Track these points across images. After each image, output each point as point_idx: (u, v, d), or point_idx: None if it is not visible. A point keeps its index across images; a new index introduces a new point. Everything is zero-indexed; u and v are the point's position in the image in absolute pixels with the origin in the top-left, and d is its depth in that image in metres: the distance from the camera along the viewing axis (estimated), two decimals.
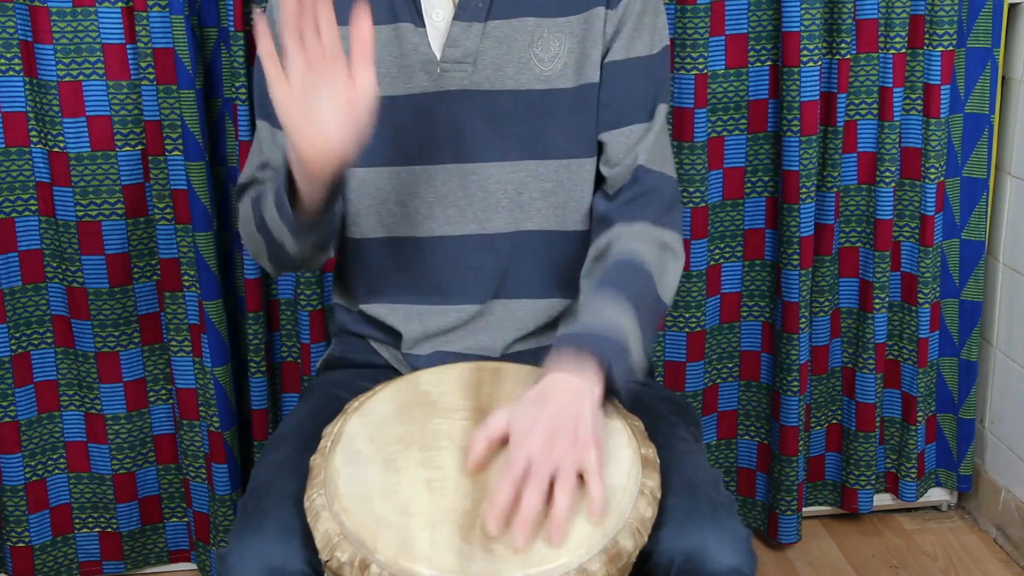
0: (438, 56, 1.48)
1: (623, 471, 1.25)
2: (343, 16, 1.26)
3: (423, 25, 1.48)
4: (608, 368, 1.28)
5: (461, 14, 1.47)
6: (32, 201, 2.07)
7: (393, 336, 1.57)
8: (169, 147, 2.03)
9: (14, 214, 2.07)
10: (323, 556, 1.20)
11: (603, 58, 1.50)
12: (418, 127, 1.49)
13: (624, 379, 1.31)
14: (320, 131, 1.26)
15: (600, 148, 1.52)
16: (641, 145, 1.50)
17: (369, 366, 1.61)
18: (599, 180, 1.53)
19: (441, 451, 1.29)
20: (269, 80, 1.24)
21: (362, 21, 1.23)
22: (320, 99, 1.25)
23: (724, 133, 2.18)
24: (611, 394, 1.32)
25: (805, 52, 2.08)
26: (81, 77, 2.00)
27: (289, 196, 1.36)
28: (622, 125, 1.50)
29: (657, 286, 1.43)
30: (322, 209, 1.37)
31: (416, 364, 1.54)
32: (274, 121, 1.52)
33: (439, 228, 1.51)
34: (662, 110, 1.53)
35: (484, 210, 1.50)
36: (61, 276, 2.10)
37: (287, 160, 1.33)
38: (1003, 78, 2.25)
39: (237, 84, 2.01)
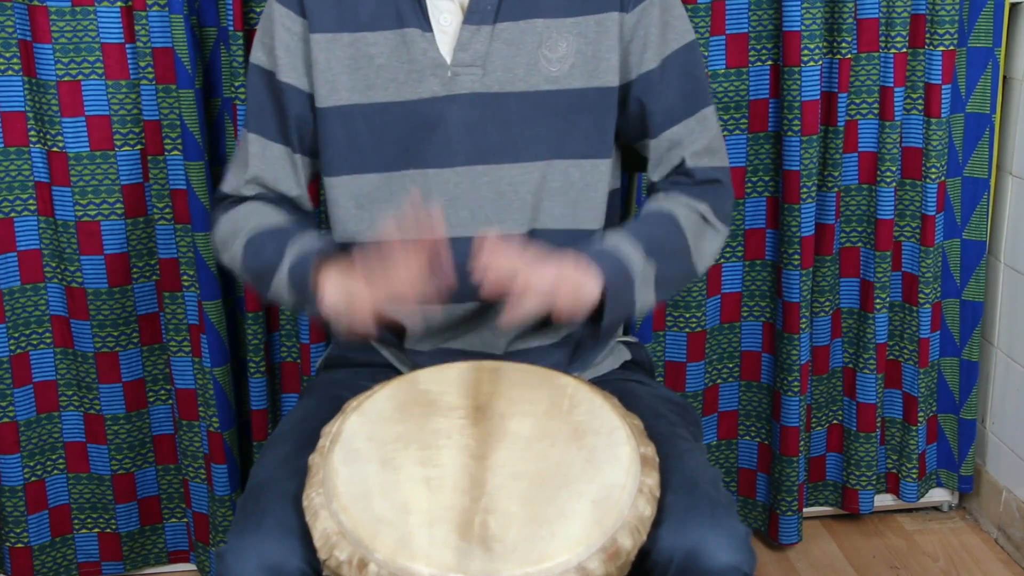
0: (448, 60, 1.48)
1: (622, 469, 1.25)
2: (355, 22, 1.26)
3: (430, 30, 1.49)
4: (606, 288, 1.36)
5: (470, 17, 1.48)
6: (31, 201, 2.07)
7: (395, 334, 1.57)
8: (168, 147, 2.03)
9: (13, 214, 2.07)
10: (322, 555, 1.20)
11: (628, 66, 1.51)
12: (430, 131, 1.49)
13: (617, 306, 1.39)
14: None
15: (644, 152, 1.57)
16: (690, 142, 1.55)
17: (369, 365, 1.61)
18: (630, 186, 1.58)
19: (440, 450, 1.28)
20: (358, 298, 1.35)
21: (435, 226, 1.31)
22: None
23: (725, 133, 2.18)
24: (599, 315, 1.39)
25: (806, 51, 2.07)
26: (80, 77, 2.00)
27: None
28: (666, 128, 1.54)
29: (691, 246, 1.49)
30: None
31: (418, 361, 1.54)
32: (268, 134, 1.54)
33: (451, 230, 1.51)
34: (709, 110, 1.57)
35: (497, 211, 1.50)
36: (60, 276, 2.10)
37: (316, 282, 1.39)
38: (1004, 78, 2.25)
39: (236, 84, 2.00)
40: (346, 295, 1.35)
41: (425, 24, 1.49)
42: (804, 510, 2.34)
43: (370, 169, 1.51)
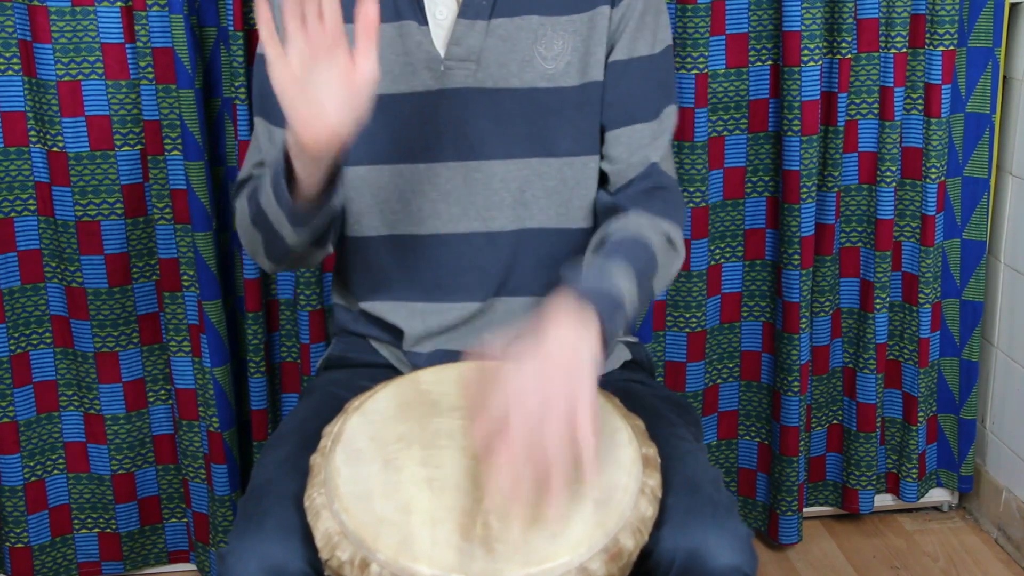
0: (442, 54, 1.48)
1: (624, 470, 1.25)
2: (348, 14, 1.26)
3: (426, 23, 1.49)
4: (603, 325, 1.25)
5: (465, 12, 1.47)
6: (31, 201, 2.07)
7: (394, 335, 1.57)
8: (168, 147, 2.03)
9: (13, 214, 2.07)
10: (323, 555, 1.20)
11: (606, 57, 1.50)
12: (421, 125, 1.49)
13: (613, 339, 1.28)
14: (318, 112, 1.26)
15: (603, 146, 1.53)
16: (653, 145, 1.51)
17: (369, 365, 1.61)
18: (602, 177, 1.53)
19: (441, 450, 1.28)
20: (269, 61, 1.24)
21: (369, 5, 1.23)
22: (320, 81, 1.25)
23: (724, 133, 2.18)
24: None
25: (806, 51, 2.07)
26: (80, 77, 2.00)
27: (287, 183, 1.35)
28: (626, 124, 1.51)
29: (657, 271, 1.43)
30: (320, 195, 1.36)
31: (417, 362, 1.54)
32: (272, 119, 1.53)
33: (442, 226, 1.51)
34: (671, 112, 1.54)
35: (487, 208, 1.50)
36: (60, 276, 2.10)
37: (286, 145, 1.32)
38: (1004, 78, 2.25)
39: (236, 84, 2.00)
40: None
41: (421, 17, 1.49)
42: (804, 510, 2.34)
43: (361, 161, 1.51)
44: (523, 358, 1.19)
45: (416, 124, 1.50)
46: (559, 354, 1.19)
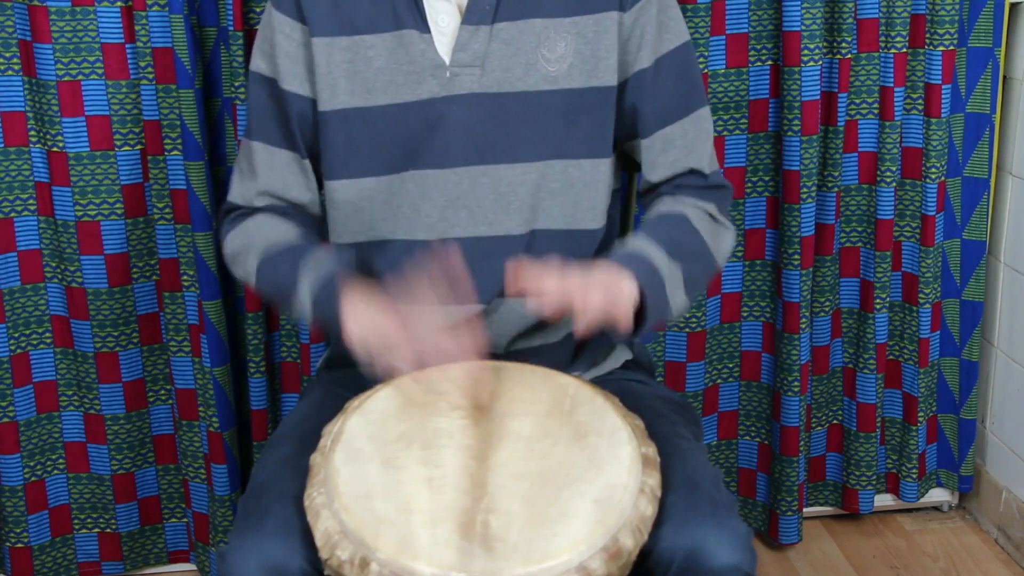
0: (447, 61, 1.49)
1: (624, 469, 1.25)
2: (352, 25, 1.26)
3: (428, 31, 1.49)
4: (643, 290, 1.34)
5: (468, 18, 1.48)
6: (31, 201, 2.07)
7: None
8: (168, 147, 2.03)
9: (13, 214, 2.07)
10: (323, 554, 1.20)
11: (625, 65, 1.51)
12: (429, 132, 1.50)
13: (655, 309, 1.36)
14: None
15: (636, 152, 1.56)
16: (693, 150, 1.55)
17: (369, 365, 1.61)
18: (646, 187, 1.57)
19: (441, 449, 1.28)
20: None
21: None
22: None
23: (724, 133, 2.18)
24: (637, 324, 1.36)
25: (806, 51, 2.07)
26: (80, 77, 2.00)
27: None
28: (659, 128, 1.53)
29: (708, 243, 1.49)
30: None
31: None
32: (270, 139, 1.54)
33: (450, 230, 1.51)
34: (704, 115, 1.57)
35: (496, 212, 1.50)
36: (60, 276, 2.10)
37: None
38: (1004, 78, 2.25)
39: (236, 84, 2.00)
40: (377, 333, 1.36)
41: (423, 25, 1.49)
42: (804, 510, 2.34)
43: (370, 172, 1.52)
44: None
45: (423, 131, 1.50)
46: (603, 276, 1.32)
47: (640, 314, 1.36)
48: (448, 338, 1.33)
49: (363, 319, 1.37)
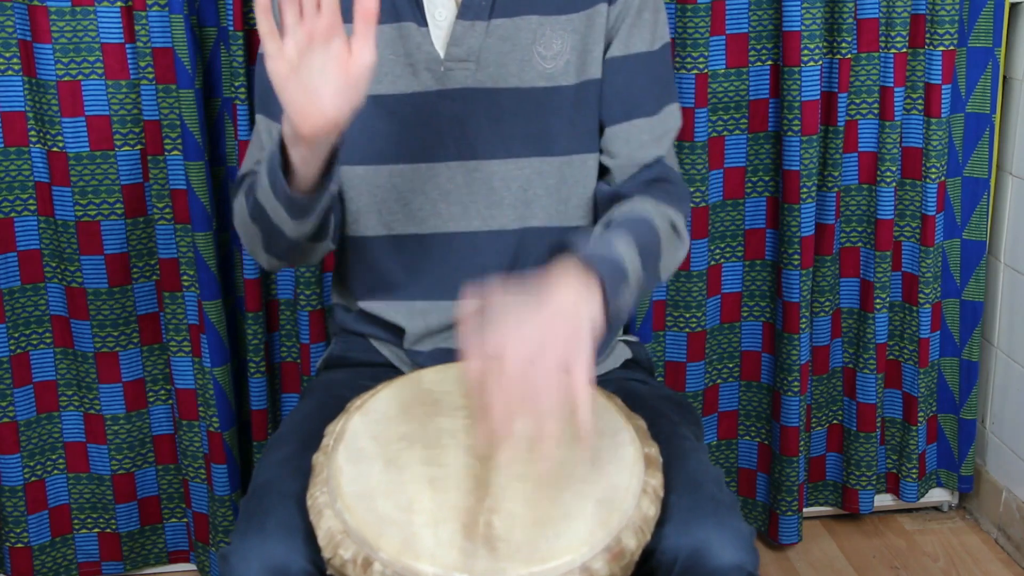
0: (442, 55, 1.49)
1: (626, 469, 1.25)
2: (348, 15, 1.26)
3: (426, 24, 1.49)
4: (604, 290, 1.24)
5: (464, 12, 1.48)
6: (31, 201, 2.07)
7: (394, 334, 1.57)
8: (168, 147, 2.03)
9: (13, 214, 2.07)
10: (326, 554, 1.20)
11: (604, 54, 1.50)
12: (422, 125, 1.50)
13: (616, 306, 1.26)
14: (314, 100, 1.27)
15: (602, 142, 1.53)
16: (656, 143, 1.52)
17: (370, 364, 1.61)
18: (603, 171, 1.53)
19: (444, 449, 1.28)
20: (267, 53, 1.25)
21: None
22: (316, 69, 1.26)
23: (724, 133, 2.18)
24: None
25: (806, 51, 2.07)
26: (80, 77, 2.00)
27: (284, 173, 1.35)
28: (625, 119, 1.51)
29: (661, 254, 1.42)
30: (317, 185, 1.36)
31: (418, 361, 1.54)
32: (274, 115, 1.53)
33: (443, 225, 1.52)
34: (673, 111, 1.55)
35: (489, 207, 1.51)
36: (60, 276, 2.10)
37: (282, 136, 1.33)
38: (1004, 78, 2.25)
39: (236, 84, 2.00)
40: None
41: (421, 19, 1.49)
42: (804, 510, 2.34)
43: (362, 161, 1.52)
44: (523, 310, 1.18)
45: (417, 124, 1.50)
46: (559, 311, 1.19)
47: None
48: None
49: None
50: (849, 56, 2.13)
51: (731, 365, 2.33)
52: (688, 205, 1.56)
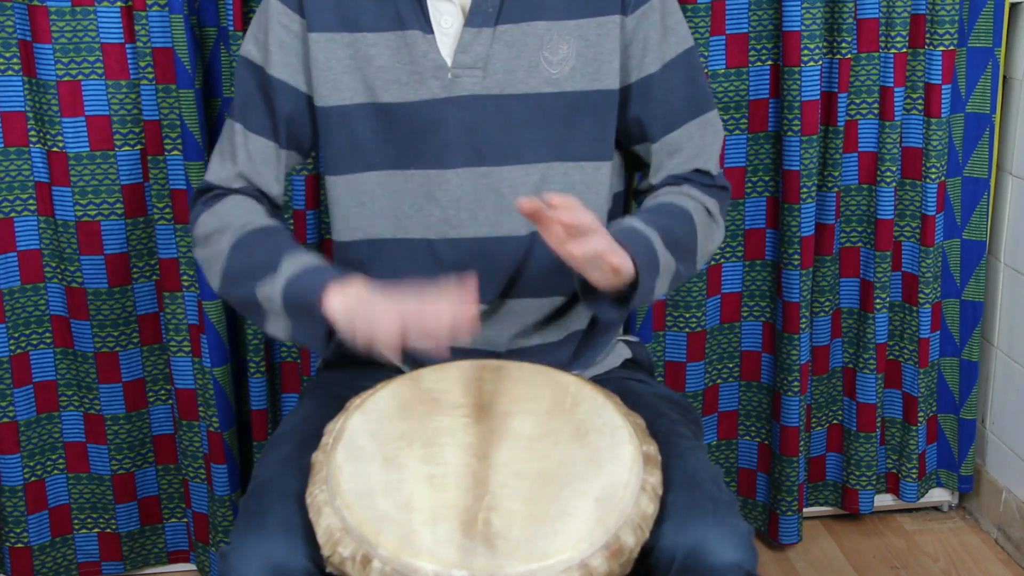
0: (449, 62, 1.49)
1: (625, 467, 1.25)
2: (348, 22, 1.26)
3: (431, 32, 1.49)
4: (637, 267, 1.33)
5: (471, 20, 1.48)
6: (31, 201, 2.07)
7: None
8: (168, 147, 2.03)
9: (13, 214, 2.07)
10: (325, 552, 1.20)
11: (628, 69, 1.52)
12: (431, 132, 1.50)
13: (643, 292, 1.35)
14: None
15: (640, 156, 1.57)
16: (701, 153, 1.56)
17: (369, 364, 1.60)
18: (631, 189, 1.57)
19: (443, 447, 1.28)
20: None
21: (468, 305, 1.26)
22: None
23: (724, 132, 2.17)
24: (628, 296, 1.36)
25: (806, 51, 2.07)
26: (80, 77, 2.00)
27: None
28: (668, 131, 1.54)
29: (698, 246, 1.48)
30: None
31: (418, 360, 1.54)
32: (250, 125, 1.54)
33: (452, 231, 1.52)
34: (712, 118, 1.58)
35: (497, 213, 1.51)
36: (60, 276, 2.10)
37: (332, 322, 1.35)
38: (1004, 78, 2.25)
39: None
40: (363, 308, 1.31)
41: (426, 26, 1.49)
42: (804, 510, 2.34)
43: (371, 167, 1.52)
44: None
45: (425, 131, 1.50)
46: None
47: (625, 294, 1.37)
48: (433, 297, 1.27)
49: (347, 290, 1.34)
50: (849, 56, 2.13)
51: (731, 365, 2.33)
52: (727, 201, 1.60)
